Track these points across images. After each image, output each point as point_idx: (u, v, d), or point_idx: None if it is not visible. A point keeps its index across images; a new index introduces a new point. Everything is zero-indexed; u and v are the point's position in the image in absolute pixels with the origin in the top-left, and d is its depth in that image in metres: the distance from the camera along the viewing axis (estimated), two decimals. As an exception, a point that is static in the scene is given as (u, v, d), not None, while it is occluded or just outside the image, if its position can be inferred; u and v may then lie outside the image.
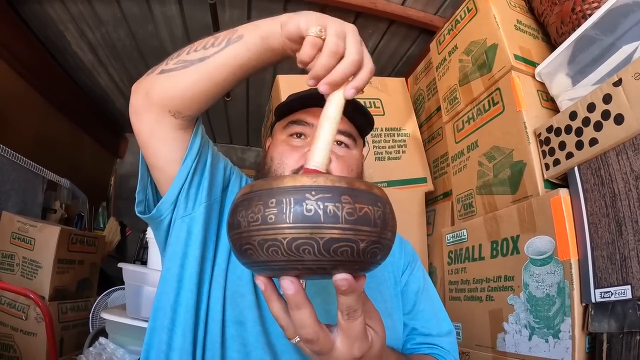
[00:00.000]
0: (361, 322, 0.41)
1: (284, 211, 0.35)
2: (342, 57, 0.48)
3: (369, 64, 0.50)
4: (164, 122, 0.60)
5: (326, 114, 0.49)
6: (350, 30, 0.49)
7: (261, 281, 0.41)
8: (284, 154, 0.71)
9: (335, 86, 0.49)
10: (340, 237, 0.35)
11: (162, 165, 0.64)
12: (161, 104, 0.59)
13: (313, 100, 0.77)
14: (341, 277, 0.37)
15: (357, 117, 0.78)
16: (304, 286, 0.41)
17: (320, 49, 0.48)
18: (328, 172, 0.48)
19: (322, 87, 0.48)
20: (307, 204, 0.35)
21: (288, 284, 0.38)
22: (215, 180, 0.69)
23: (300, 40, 0.50)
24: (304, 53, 0.48)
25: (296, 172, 0.68)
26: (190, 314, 0.60)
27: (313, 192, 0.35)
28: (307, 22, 0.49)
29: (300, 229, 0.34)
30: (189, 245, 0.63)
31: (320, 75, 0.48)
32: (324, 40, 0.48)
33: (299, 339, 0.42)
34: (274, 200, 0.36)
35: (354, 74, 0.49)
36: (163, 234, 0.68)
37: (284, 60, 0.58)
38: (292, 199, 0.35)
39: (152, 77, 0.60)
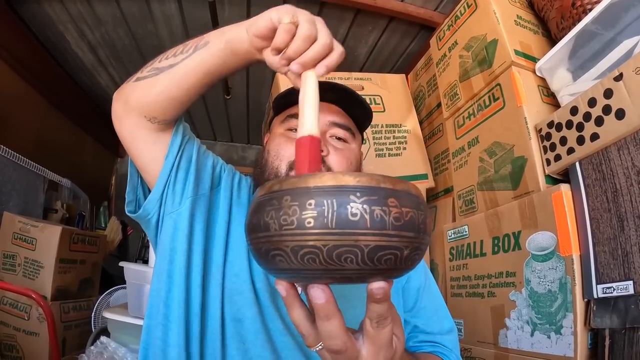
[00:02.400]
0: (390, 330, 0.39)
1: (326, 214, 0.31)
2: (313, 42, 0.50)
3: (339, 47, 0.52)
4: (142, 126, 0.63)
5: (304, 90, 0.50)
6: (319, 19, 0.52)
7: (283, 287, 0.39)
8: (281, 146, 0.71)
9: (306, 66, 0.50)
10: (386, 245, 0.31)
11: (146, 166, 0.67)
12: (138, 109, 0.62)
13: None
14: (378, 286, 0.35)
15: (355, 109, 0.78)
16: None
17: (293, 36, 0.49)
18: (318, 139, 0.49)
19: (294, 66, 0.50)
20: (352, 207, 0.31)
21: (319, 293, 0.36)
22: (202, 176, 0.70)
23: (271, 34, 0.52)
24: (279, 39, 0.50)
25: (292, 164, 0.68)
26: (182, 309, 0.61)
27: (358, 194, 0.31)
28: (278, 13, 0.51)
29: (343, 235, 0.30)
30: (176, 240, 0.64)
31: (293, 58, 0.50)
32: (296, 27, 0.50)
33: (321, 347, 0.40)
34: (312, 201, 0.31)
35: (325, 56, 0.51)
36: (153, 233, 0.69)
37: (250, 66, 0.60)
38: (334, 201, 0.31)
39: (130, 85, 0.63)
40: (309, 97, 0.50)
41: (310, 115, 0.49)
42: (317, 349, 0.40)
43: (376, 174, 0.33)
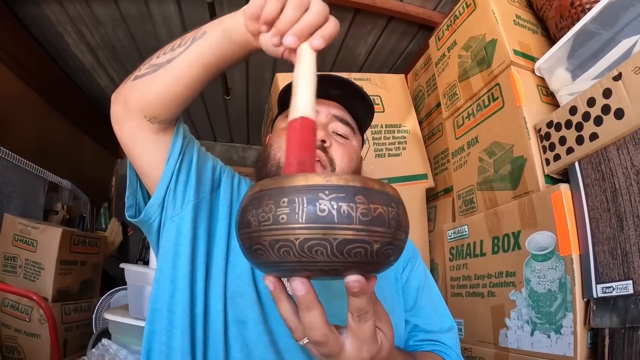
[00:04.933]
0: (371, 325, 0.40)
1: (297, 211, 0.34)
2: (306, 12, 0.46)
3: (333, 18, 0.48)
4: (143, 127, 0.61)
5: (298, 68, 0.46)
6: None
7: (270, 281, 0.41)
8: (283, 138, 0.72)
9: (301, 37, 0.46)
10: (354, 238, 0.34)
11: (147, 169, 0.65)
12: (138, 110, 0.60)
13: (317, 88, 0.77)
14: (353, 279, 0.36)
15: (357, 106, 0.78)
16: None
17: (284, 5, 0.45)
18: (314, 123, 0.45)
19: (288, 39, 0.45)
20: (320, 204, 0.33)
21: (299, 285, 0.38)
22: (203, 178, 0.69)
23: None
24: (268, 8, 0.45)
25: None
26: (187, 313, 0.60)
27: (326, 192, 0.34)
28: None
29: (313, 229, 0.33)
30: (179, 245, 0.63)
31: (285, 29, 0.46)
32: None
33: (307, 340, 0.41)
34: (285, 199, 0.34)
35: (320, 26, 0.46)
36: (155, 237, 0.68)
37: (252, 55, 0.57)
38: (304, 198, 0.34)
39: (128, 85, 0.61)
40: (303, 74, 0.45)
41: (304, 94, 0.45)
42: (304, 342, 0.42)
43: (346, 174, 0.36)
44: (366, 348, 0.41)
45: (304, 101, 0.45)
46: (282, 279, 0.42)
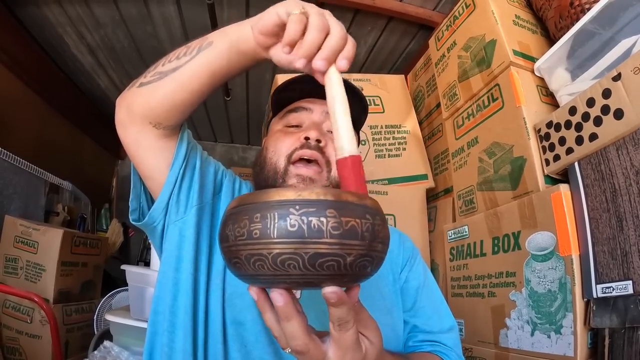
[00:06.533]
0: (353, 333, 0.40)
1: (269, 226, 0.35)
2: (327, 34, 0.48)
3: (351, 39, 0.50)
4: (147, 132, 0.62)
5: (332, 94, 0.48)
6: (327, 11, 0.50)
7: (254, 292, 0.42)
8: (279, 141, 0.72)
9: (330, 61, 0.48)
10: (325, 252, 0.34)
11: (151, 174, 0.66)
12: (143, 116, 0.60)
13: (309, 86, 0.77)
14: (329, 291, 0.37)
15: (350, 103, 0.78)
16: (300, 292, 0.41)
17: (305, 27, 0.47)
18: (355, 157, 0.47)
19: (318, 63, 0.47)
20: (290, 219, 0.34)
21: (278, 296, 0.39)
22: (206, 184, 0.70)
23: (277, 30, 0.50)
24: (292, 30, 0.47)
25: (289, 156, 0.69)
26: (189, 315, 0.61)
27: (297, 207, 0.35)
28: (286, 7, 0.49)
29: (284, 244, 0.34)
30: (182, 249, 0.64)
31: (312, 52, 0.47)
32: (307, 19, 0.48)
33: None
34: (258, 215, 0.36)
35: (342, 49, 0.49)
36: (158, 240, 0.69)
37: (257, 64, 0.59)
38: (276, 213, 0.35)
39: (133, 91, 0.61)
40: (339, 102, 0.48)
41: (346, 128, 0.47)
42: (288, 350, 0.42)
43: (319, 188, 0.37)
44: (349, 356, 0.41)
45: (348, 137, 0.47)
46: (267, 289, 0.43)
